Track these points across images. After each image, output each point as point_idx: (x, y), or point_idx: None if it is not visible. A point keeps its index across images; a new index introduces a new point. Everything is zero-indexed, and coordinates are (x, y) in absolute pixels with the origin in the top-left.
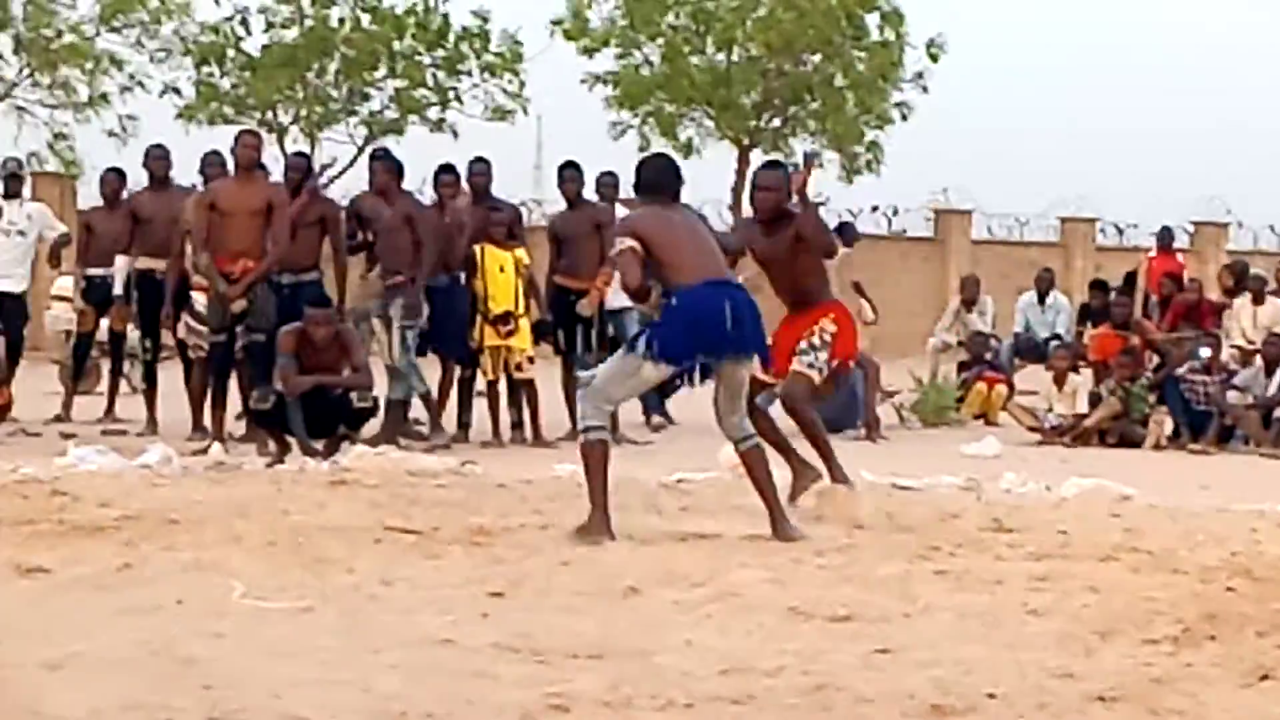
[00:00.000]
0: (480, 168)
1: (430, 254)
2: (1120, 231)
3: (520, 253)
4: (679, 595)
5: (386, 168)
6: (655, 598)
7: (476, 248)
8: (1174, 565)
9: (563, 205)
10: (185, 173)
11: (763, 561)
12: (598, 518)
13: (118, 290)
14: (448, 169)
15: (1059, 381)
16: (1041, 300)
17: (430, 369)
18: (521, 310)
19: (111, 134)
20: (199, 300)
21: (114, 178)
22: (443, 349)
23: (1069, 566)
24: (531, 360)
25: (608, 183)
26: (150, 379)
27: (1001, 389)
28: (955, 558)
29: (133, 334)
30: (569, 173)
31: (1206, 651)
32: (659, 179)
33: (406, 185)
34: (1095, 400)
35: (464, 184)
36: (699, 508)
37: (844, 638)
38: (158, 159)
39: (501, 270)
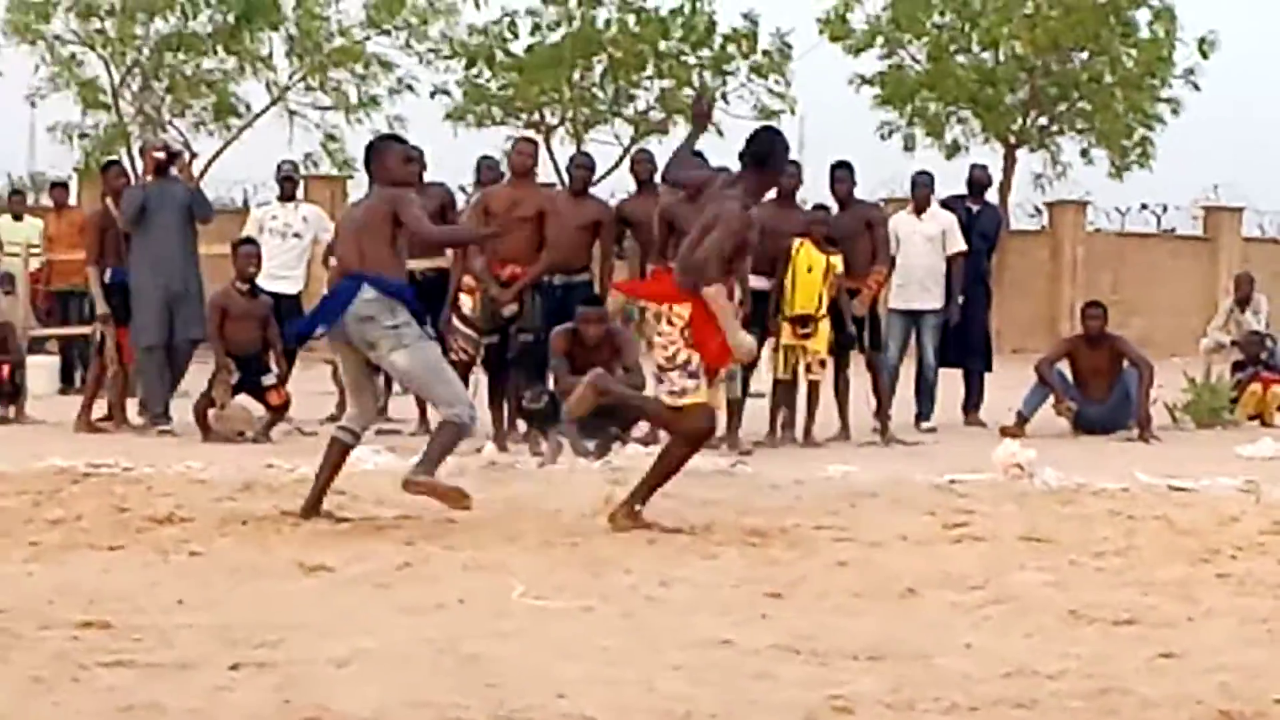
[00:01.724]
0: (790, 169)
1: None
2: None
3: (836, 260)
4: (957, 597)
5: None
6: (933, 599)
7: (796, 242)
8: None
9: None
10: (455, 174)
11: (1040, 564)
12: None
13: None
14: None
15: None
16: None
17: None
18: (823, 313)
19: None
20: (466, 303)
21: None
22: None
23: None
24: (823, 364)
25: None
26: None
27: (1278, 389)
28: (1236, 561)
29: None
30: (840, 172)
31: None
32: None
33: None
34: None
35: None
36: (973, 509)
37: (1126, 641)
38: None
39: (809, 271)
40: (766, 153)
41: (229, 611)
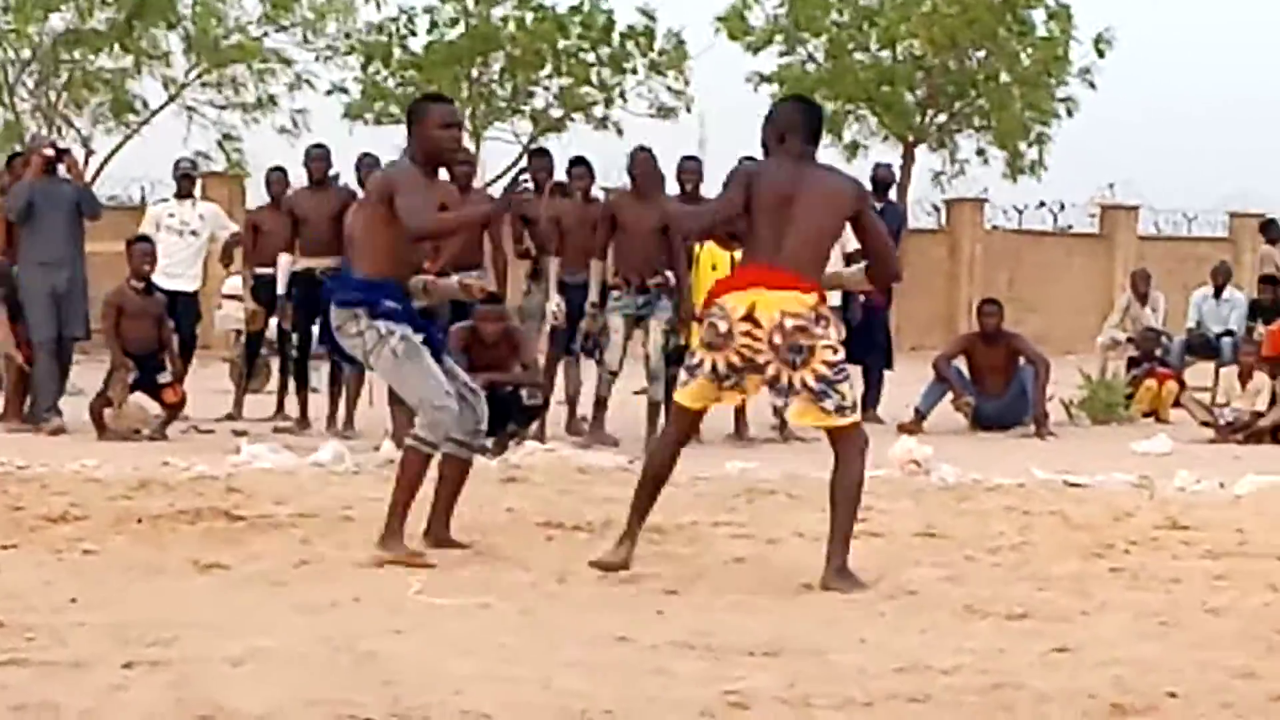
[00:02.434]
0: (692, 165)
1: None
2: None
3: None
4: (859, 594)
5: (548, 165)
6: (829, 595)
7: (698, 245)
8: None
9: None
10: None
11: (936, 559)
12: None
13: (280, 289)
14: (579, 161)
15: (1245, 378)
16: (1218, 294)
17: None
18: None
19: (283, 130)
20: None
21: (279, 176)
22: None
23: (1248, 565)
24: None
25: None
26: (302, 378)
27: (1172, 385)
28: (1130, 556)
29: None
30: (689, 164)
31: None
32: None
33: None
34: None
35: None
36: (870, 505)
37: (1020, 636)
38: (317, 159)
39: (714, 269)
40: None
41: (123, 610)
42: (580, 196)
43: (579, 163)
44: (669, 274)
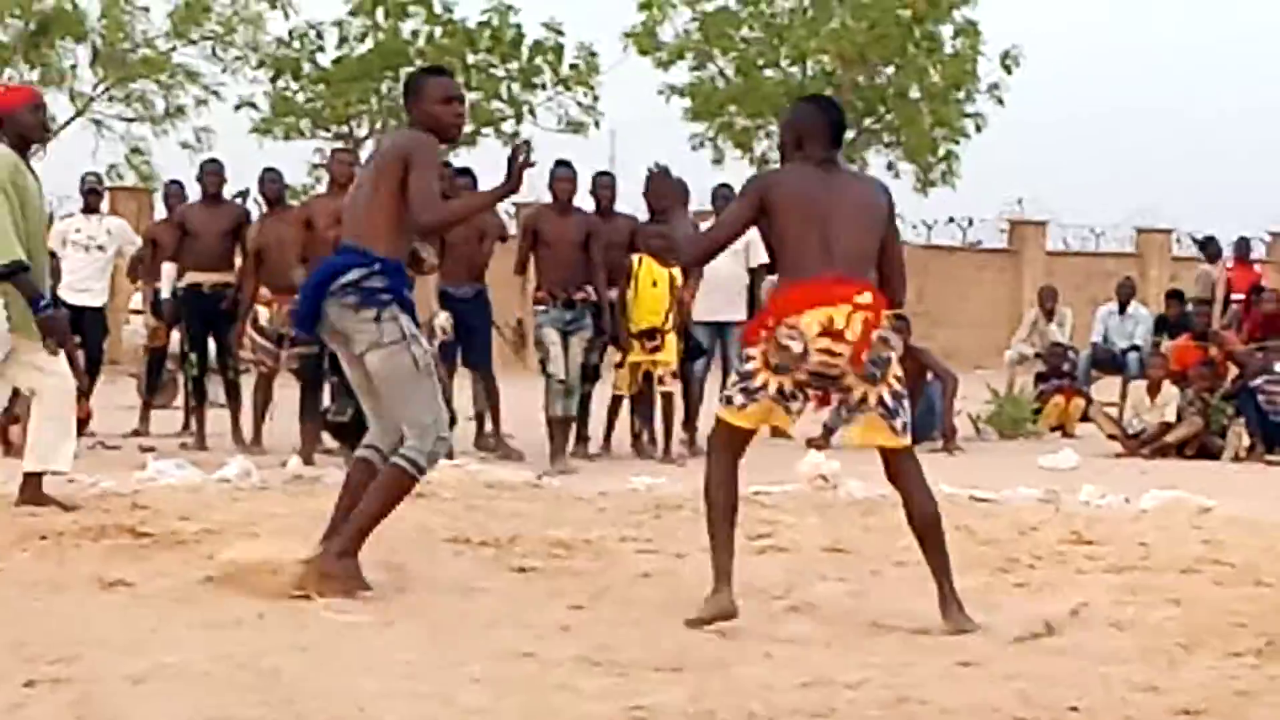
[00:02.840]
0: (606, 180)
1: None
2: (1196, 242)
3: (677, 272)
4: (758, 608)
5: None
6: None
7: (635, 258)
8: (1256, 577)
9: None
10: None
11: (842, 574)
12: None
13: (164, 294)
14: (463, 172)
15: (1153, 391)
16: (1122, 310)
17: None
18: (669, 326)
19: (185, 145)
20: (263, 315)
21: (176, 190)
22: (473, 361)
23: (1150, 579)
24: (675, 375)
25: (605, 183)
26: (199, 394)
27: (1079, 401)
28: (1035, 570)
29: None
30: (604, 179)
31: None
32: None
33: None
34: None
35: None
36: (776, 519)
37: (925, 650)
38: (211, 174)
39: (655, 285)
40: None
41: (25, 627)
42: None
43: (463, 173)
44: (589, 289)
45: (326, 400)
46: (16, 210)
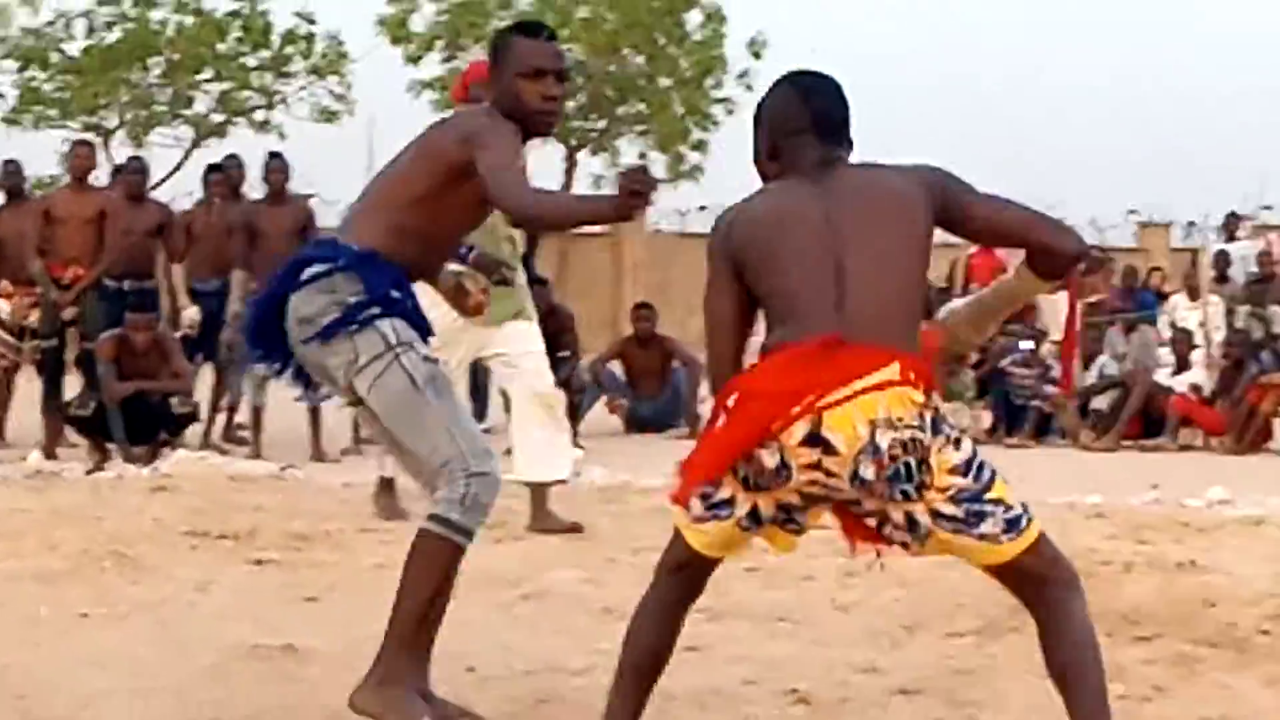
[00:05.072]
0: (277, 164)
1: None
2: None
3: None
4: (494, 597)
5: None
6: (470, 600)
7: None
8: None
9: None
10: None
11: (579, 561)
12: None
13: None
14: (215, 168)
15: None
16: None
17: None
18: None
19: None
20: (3, 308)
21: None
22: (215, 357)
23: (879, 562)
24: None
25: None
26: None
27: None
28: (767, 554)
29: None
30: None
31: (1008, 644)
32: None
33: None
34: None
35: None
36: (516, 509)
37: None
38: None
39: None
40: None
41: None
42: (218, 202)
43: (215, 169)
44: None
45: (72, 393)
46: None
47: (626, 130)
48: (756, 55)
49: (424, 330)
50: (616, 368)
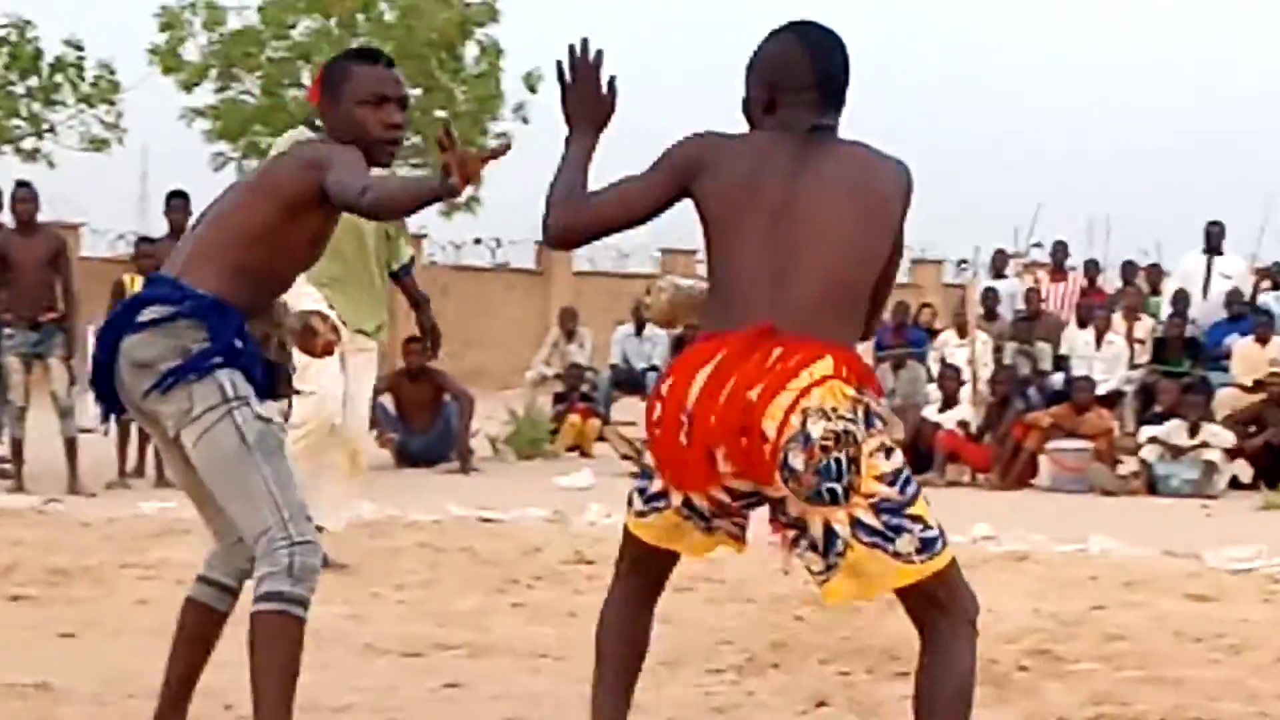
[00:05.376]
0: (25, 193)
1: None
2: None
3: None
4: None
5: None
6: (229, 637)
7: (126, 277)
8: (747, 595)
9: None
10: None
11: (343, 596)
12: None
13: None
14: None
15: None
16: (639, 331)
17: None
18: None
19: None
20: None
21: None
22: None
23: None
24: None
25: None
26: None
27: (595, 422)
28: (533, 590)
29: None
30: (176, 201)
31: (769, 680)
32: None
33: None
34: None
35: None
36: None
37: (415, 673)
38: None
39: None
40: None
41: None
42: None
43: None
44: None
45: None
46: None
47: (402, 162)
48: (533, 89)
49: (258, 385)
50: (388, 401)
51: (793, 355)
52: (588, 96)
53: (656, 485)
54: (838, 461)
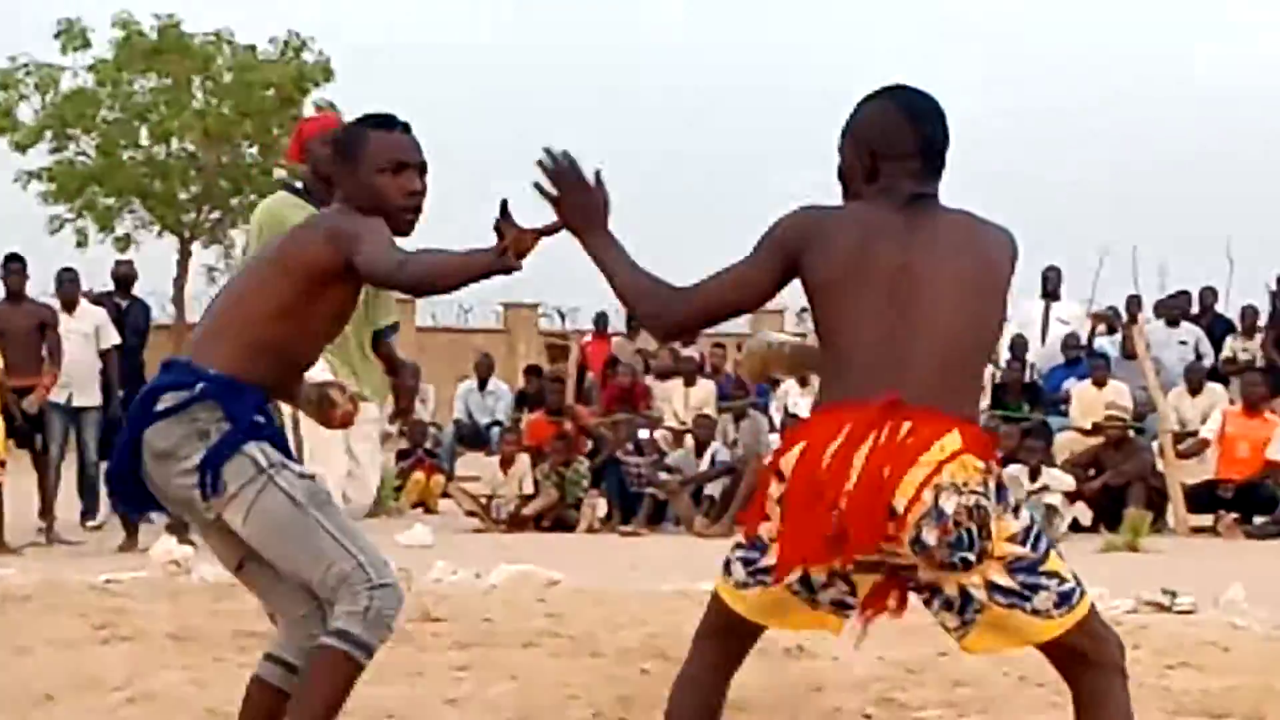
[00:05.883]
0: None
1: None
2: (563, 317)
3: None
4: (96, 701)
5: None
6: (71, 705)
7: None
8: (593, 649)
9: None
10: None
11: (185, 662)
12: None
13: None
14: None
15: (505, 465)
16: (482, 386)
17: None
18: None
19: None
20: None
21: None
22: None
23: (491, 654)
24: (2, 464)
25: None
26: None
27: (439, 478)
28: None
29: None
30: (13, 265)
31: None
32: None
33: None
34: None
35: None
36: (124, 607)
37: None
38: None
39: None
40: None
41: None
42: None
43: None
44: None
45: None
46: None
47: (241, 221)
48: None
49: (289, 454)
50: None
51: (922, 430)
52: (582, 202)
53: (768, 559)
54: (969, 532)
